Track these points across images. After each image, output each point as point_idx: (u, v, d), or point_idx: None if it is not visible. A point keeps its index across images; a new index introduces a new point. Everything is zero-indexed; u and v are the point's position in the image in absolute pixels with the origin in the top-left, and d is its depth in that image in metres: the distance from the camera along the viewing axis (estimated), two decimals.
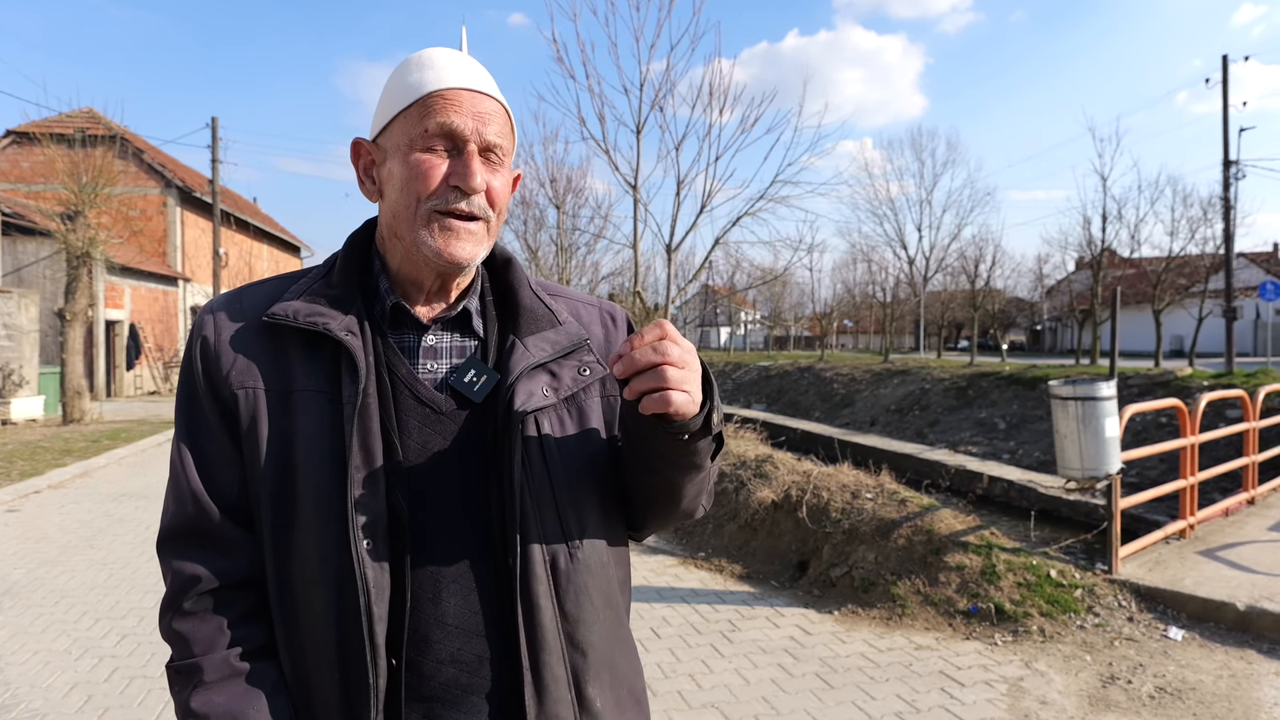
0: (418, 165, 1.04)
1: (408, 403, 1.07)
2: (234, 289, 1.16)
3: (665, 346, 0.95)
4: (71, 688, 4.03)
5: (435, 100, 1.05)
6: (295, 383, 1.05)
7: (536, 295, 1.19)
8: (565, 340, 1.15)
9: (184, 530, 1.07)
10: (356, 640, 1.00)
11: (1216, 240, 23.20)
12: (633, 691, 1.17)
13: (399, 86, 1.08)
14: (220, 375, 1.06)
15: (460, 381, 1.09)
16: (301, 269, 1.18)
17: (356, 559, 0.99)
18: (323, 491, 1.01)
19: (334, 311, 1.07)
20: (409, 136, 1.05)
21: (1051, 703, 3.86)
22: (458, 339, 1.13)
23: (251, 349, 1.07)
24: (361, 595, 0.99)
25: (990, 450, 16.53)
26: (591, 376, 1.16)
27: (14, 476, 9.87)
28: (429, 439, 1.07)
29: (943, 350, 38.67)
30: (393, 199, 1.08)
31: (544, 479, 1.07)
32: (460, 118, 1.05)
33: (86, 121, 20.29)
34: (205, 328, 1.09)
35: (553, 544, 1.07)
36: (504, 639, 1.05)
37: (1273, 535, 6.38)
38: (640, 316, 15.10)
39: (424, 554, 1.04)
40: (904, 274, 38.95)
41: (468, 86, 1.07)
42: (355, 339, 1.05)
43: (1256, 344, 33.85)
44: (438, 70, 1.07)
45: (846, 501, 6.09)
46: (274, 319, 1.06)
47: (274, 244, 37.76)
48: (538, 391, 1.09)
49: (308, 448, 1.03)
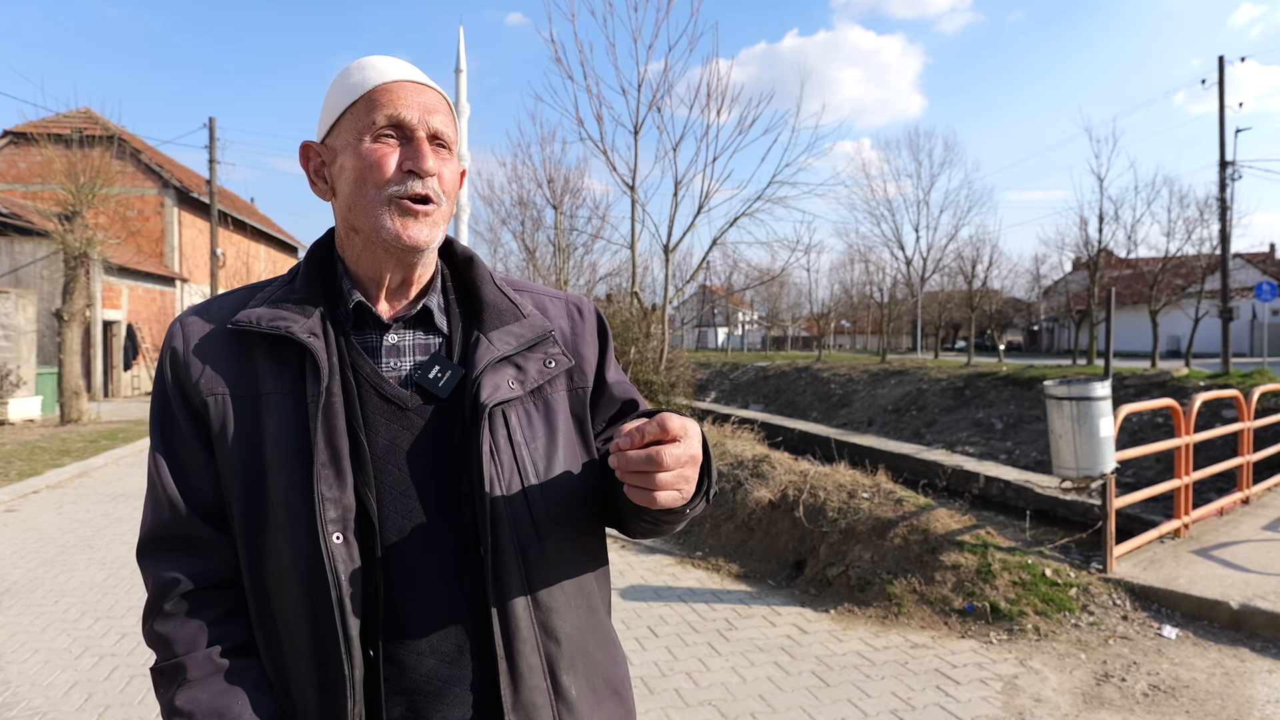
0: (370, 154, 1.07)
1: (373, 400, 1.09)
2: (204, 300, 1.19)
3: (661, 455, 0.94)
4: (71, 686, 4.04)
5: (380, 94, 1.08)
6: (263, 386, 1.08)
7: (500, 290, 1.21)
8: (530, 333, 1.17)
9: (162, 536, 1.09)
10: (330, 634, 1.01)
11: (1213, 241, 23.25)
12: (609, 681, 1.18)
13: (343, 88, 1.11)
14: (190, 383, 1.09)
15: (425, 377, 1.11)
16: (270, 278, 1.21)
17: (326, 554, 1.01)
18: (292, 490, 1.03)
19: (296, 315, 1.09)
20: (358, 130, 1.08)
21: (1046, 700, 3.89)
22: (421, 336, 1.15)
23: (219, 356, 1.10)
24: (333, 589, 1.01)
25: (987, 450, 16.57)
26: (557, 369, 1.18)
27: (12, 477, 9.87)
28: (397, 435, 1.09)
29: (940, 350, 38.70)
30: (347, 192, 1.10)
31: (513, 470, 1.09)
32: (407, 108, 1.08)
33: (84, 122, 20.29)
34: (174, 339, 1.12)
35: (523, 534, 1.08)
36: (481, 630, 1.07)
37: (1267, 534, 6.42)
38: (638, 316, 15.13)
39: (396, 547, 1.06)
40: (901, 274, 39.02)
41: (409, 79, 1.11)
42: (317, 340, 1.07)
43: (1253, 344, 33.92)
44: (379, 69, 1.10)
45: (843, 501, 6.12)
46: (238, 326, 1.09)
47: (271, 244, 37.72)
48: (503, 384, 1.11)
49: (276, 448, 1.05)
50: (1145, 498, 6.07)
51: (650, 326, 14.98)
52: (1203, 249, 24.20)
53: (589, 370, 1.24)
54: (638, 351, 14.08)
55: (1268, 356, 29.33)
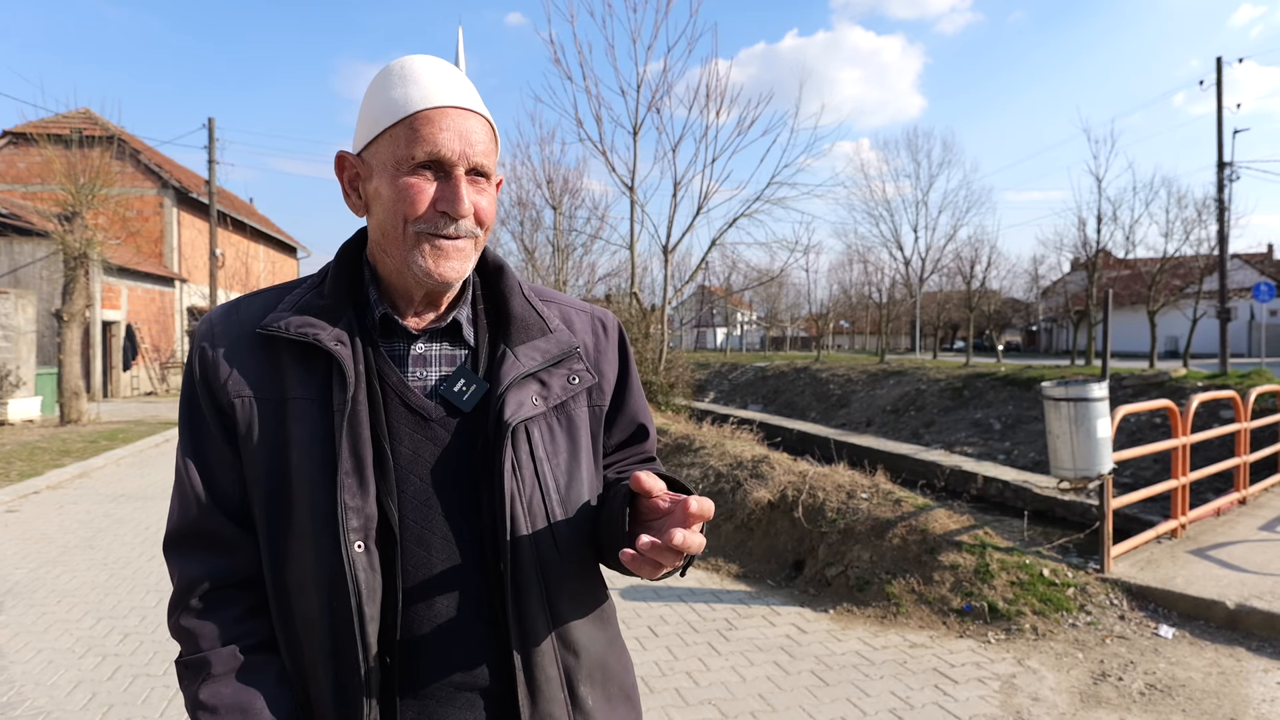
0: (405, 190, 1.05)
1: (398, 410, 1.10)
2: (232, 300, 1.20)
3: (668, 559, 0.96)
4: (75, 686, 4.06)
5: (421, 123, 1.05)
6: (289, 391, 1.08)
7: (528, 301, 1.21)
8: (555, 349, 1.17)
9: (189, 532, 1.11)
10: (348, 639, 1.03)
11: (1211, 241, 23.29)
12: (623, 688, 1.21)
13: (383, 102, 1.08)
14: (218, 384, 1.10)
15: (450, 390, 1.12)
16: (297, 279, 1.21)
17: (347, 561, 1.03)
18: (315, 496, 1.04)
19: (324, 323, 1.09)
20: (395, 159, 1.06)
21: (1043, 699, 3.92)
22: (447, 347, 1.16)
23: (247, 360, 1.10)
24: (352, 596, 1.03)
25: (985, 451, 16.60)
26: (580, 385, 1.19)
27: (13, 477, 9.88)
28: (420, 445, 1.10)
29: (938, 351, 38.73)
30: (380, 218, 1.09)
31: (534, 485, 1.11)
32: (447, 144, 1.05)
33: (83, 122, 20.31)
34: (203, 339, 1.13)
35: (543, 549, 1.10)
36: (498, 640, 1.09)
37: (1263, 535, 6.45)
38: (637, 317, 15.16)
39: (416, 557, 1.07)
40: (900, 275, 39.07)
41: (452, 104, 1.07)
42: (345, 349, 1.08)
43: (1251, 345, 33.96)
44: (422, 87, 1.07)
45: (842, 501, 6.14)
46: (267, 330, 1.09)
47: (270, 244, 37.71)
48: (527, 401, 1.12)
49: (301, 454, 1.06)
50: (1143, 498, 6.10)
51: (649, 327, 15.02)
52: (1201, 249, 24.23)
53: (608, 389, 1.25)
54: (637, 352, 14.11)
55: (1265, 357, 29.40)
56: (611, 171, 15.14)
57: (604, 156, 15.01)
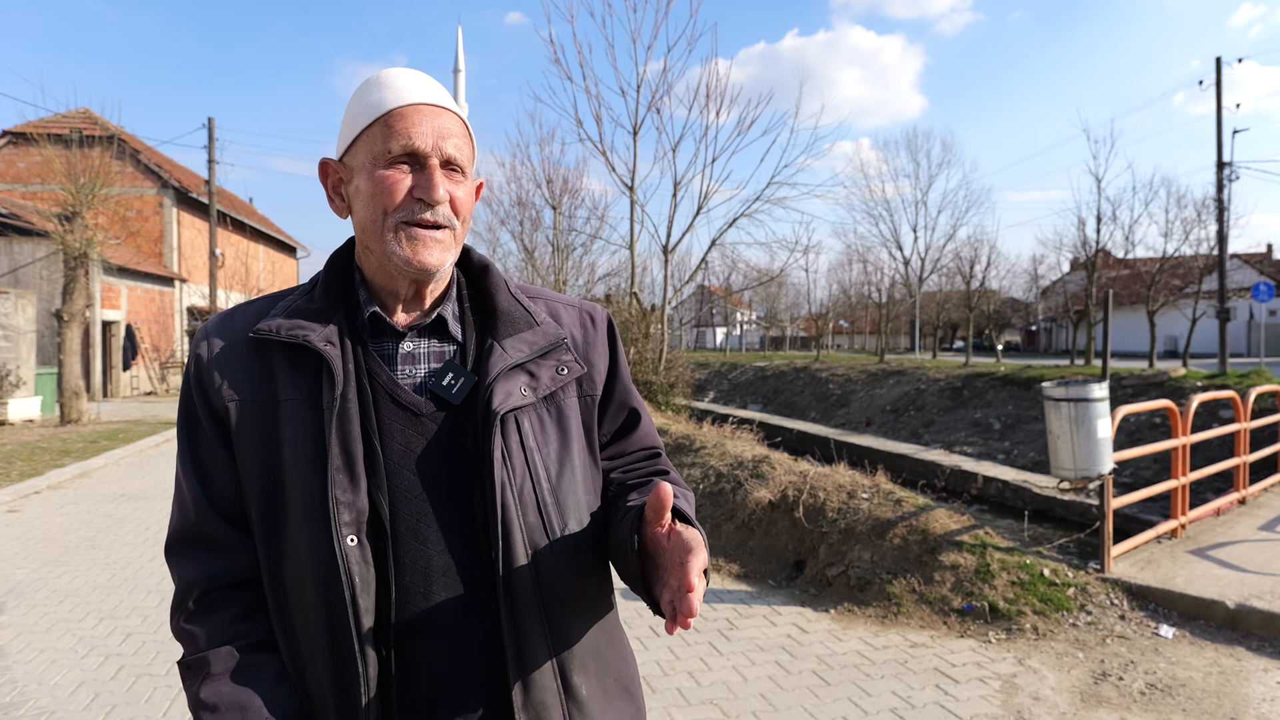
0: (382, 181, 1.10)
1: (388, 407, 1.12)
2: (228, 309, 1.23)
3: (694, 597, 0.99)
4: (78, 685, 4.07)
5: (395, 118, 1.10)
6: (281, 393, 1.11)
7: (514, 298, 1.24)
8: (543, 340, 1.20)
9: (187, 536, 1.14)
10: (345, 633, 1.05)
11: (1210, 241, 23.32)
12: (620, 680, 1.22)
13: (360, 107, 1.13)
14: (213, 389, 1.13)
15: (438, 384, 1.14)
16: (291, 287, 1.25)
17: (340, 556, 1.04)
18: (308, 493, 1.06)
19: (314, 324, 1.13)
20: (372, 155, 1.11)
21: (1044, 699, 3.93)
22: (435, 344, 1.18)
23: (240, 364, 1.13)
24: (346, 590, 1.05)
25: (985, 450, 16.62)
26: (569, 376, 1.21)
27: (13, 477, 9.89)
28: (411, 440, 1.12)
29: (938, 351, 38.75)
30: (361, 214, 1.13)
31: (525, 475, 1.12)
32: (420, 136, 1.10)
33: (83, 122, 20.34)
34: (200, 347, 1.17)
35: (535, 538, 1.12)
36: (492, 630, 1.10)
37: (1263, 534, 6.46)
38: (637, 317, 15.16)
39: (409, 550, 1.09)
40: (899, 275, 39.06)
41: (426, 101, 1.12)
42: (333, 348, 1.11)
43: (1250, 344, 33.98)
44: (396, 89, 1.12)
45: (842, 501, 6.15)
46: (259, 334, 1.13)
47: (270, 244, 37.70)
48: (516, 391, 1.14)
49: (292, 453, 1.08)
50: (1143, 498, 6.11)
51: (649, 327, 15.02)
52: (1200, 249, 24.26)
53: (599, 379, 1.27)
54: (636, 352, 14.13)
55: (1265, 357, 29.39)
56: (611, 171, 15.16)
57: (604, 156, 15.03)
